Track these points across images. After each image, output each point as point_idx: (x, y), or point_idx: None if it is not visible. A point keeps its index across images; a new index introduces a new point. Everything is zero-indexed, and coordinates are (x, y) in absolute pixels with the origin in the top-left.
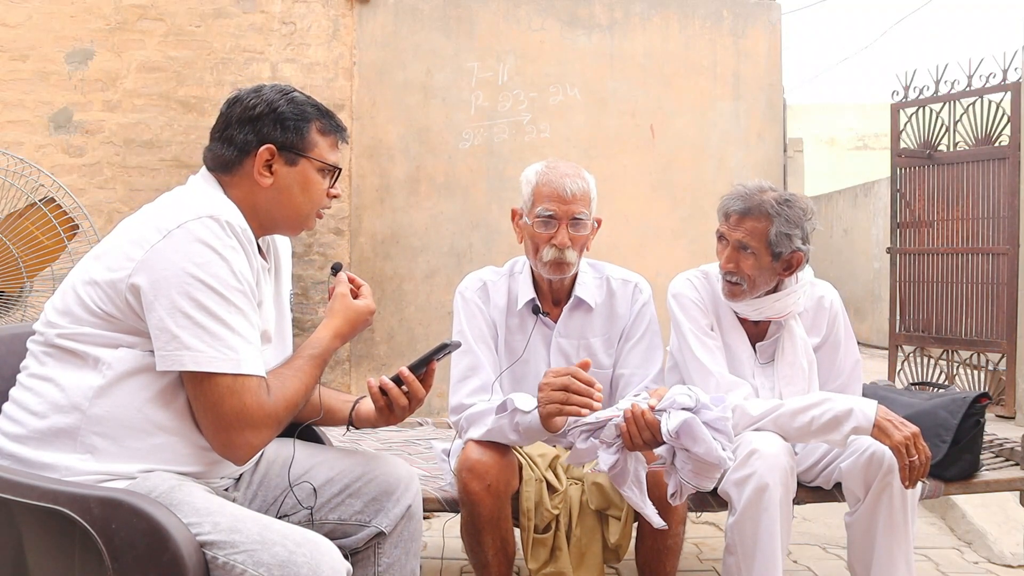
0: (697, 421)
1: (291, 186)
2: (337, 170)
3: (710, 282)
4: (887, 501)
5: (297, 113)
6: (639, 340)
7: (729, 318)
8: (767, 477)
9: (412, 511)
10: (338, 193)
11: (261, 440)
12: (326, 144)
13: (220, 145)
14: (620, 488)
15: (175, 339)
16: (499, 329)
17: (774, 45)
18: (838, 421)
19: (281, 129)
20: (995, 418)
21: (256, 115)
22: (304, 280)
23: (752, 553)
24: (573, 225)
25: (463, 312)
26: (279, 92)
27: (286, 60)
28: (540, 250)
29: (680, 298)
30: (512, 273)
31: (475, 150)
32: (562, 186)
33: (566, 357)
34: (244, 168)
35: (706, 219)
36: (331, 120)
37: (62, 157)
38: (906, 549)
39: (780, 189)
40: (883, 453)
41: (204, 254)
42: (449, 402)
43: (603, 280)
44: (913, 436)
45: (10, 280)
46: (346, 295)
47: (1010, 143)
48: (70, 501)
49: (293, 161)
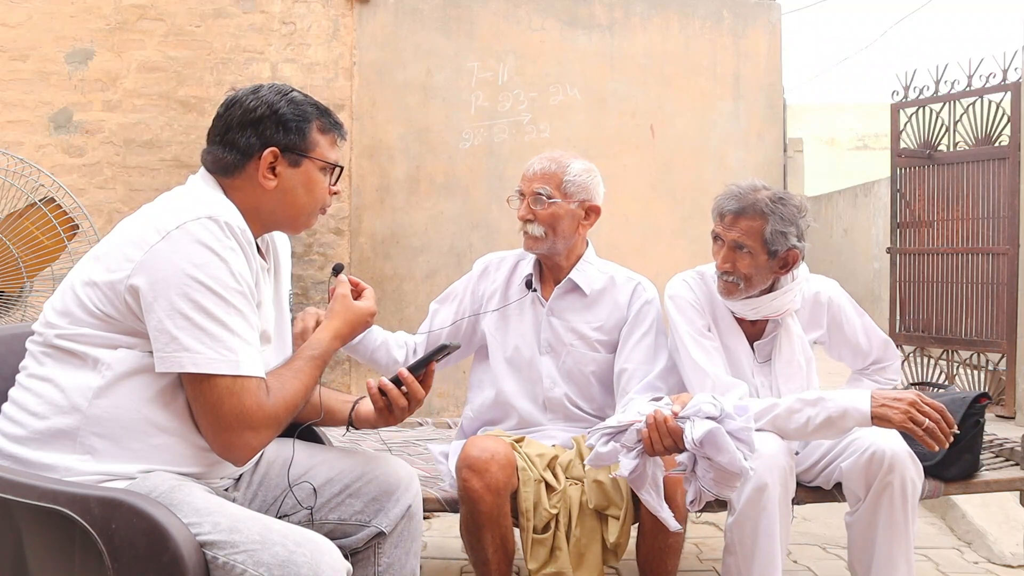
0: (722, 431)
1: (295, 187)
2: (338, 168)
3: (706, 282)
4: (887, 501)
5: (298, 114)
6: (643, 336)
7: (726, 318)
8: (766, 477)
9: (412, 511)
10: (338, 190)
11: (260, 441)
12: (326, 142)
13: (221, 149)
14: (638, 491)
15: (174, 340)
16: (489, 299)
17: (774, 45)
18: (832, 422)
19: (283, 131)
20: (995, 418)
21: (257, 117)
22: (304, 280)
23: (751, 553)
24: (533, 201)
25: (465, 278)
26: (278, 93)
27: (286, 60)
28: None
29: (676, 299)
30: (522, 256)
31: (475, 150)
32: (529, 166)
33: (555, 334)
34: (247, 171)
35: (706, 219)
36: (330, 118)
37: (62, 157)
38: (906, 549)
39: (773, 187)
40: (883, 453)
41: (203, 255)
42: (465, 411)
43: (607, 275)
44: (913, 405)
45: (10, 280)
46: (346, 296)
47: (1010, 143)
48: (70, 501)
49: (296, 162)
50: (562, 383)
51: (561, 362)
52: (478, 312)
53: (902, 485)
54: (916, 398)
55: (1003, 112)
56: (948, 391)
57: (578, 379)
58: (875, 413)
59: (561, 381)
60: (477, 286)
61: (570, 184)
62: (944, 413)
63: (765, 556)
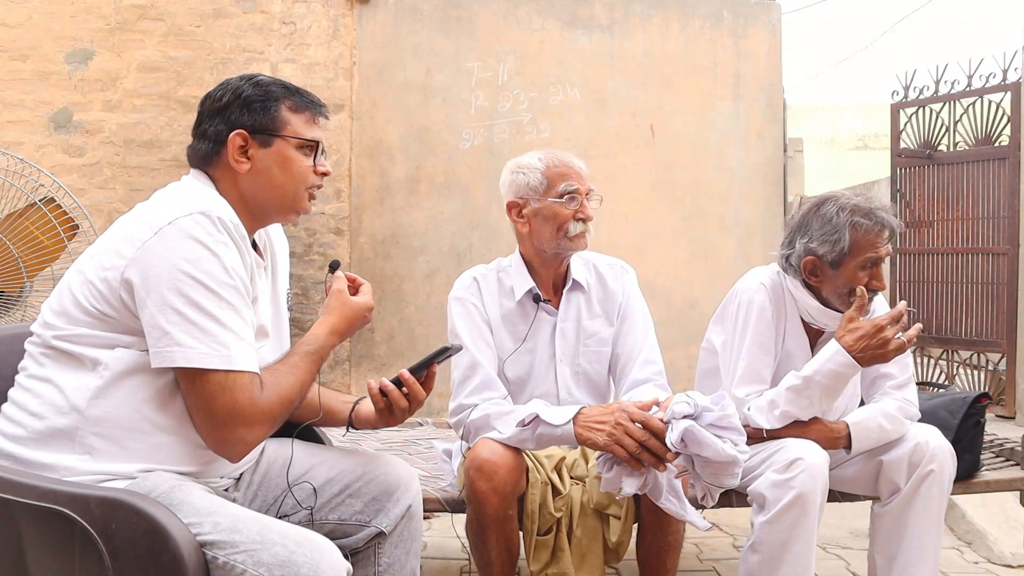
0: (696, 427)
1: (270, 167)
2: (317, 144)
3: (783, 287)
4: (926, 491)
5: (262, 94)
6: (635, 318)
7: (794, 321)
8: (809, 485)
9: (412, 511)
10: (327, 170)
11: (255, 437)
12: (300, 121)
13: (197, 141)
14: (657, 502)
15: (166, 335)
16: (492, 322)
17: (774, 45)
18: (829, 389)
19: (248, 112)
20: (995, 418)
21: (223, 104)
22: (304, 280)
23: (780, 556)
24: (589, 198)
25: (458, 314)
26: (244, 79)
27: (286, 60)
28: (565, 226)
29: (751, 306)
30: (500, 268)
31: (475, 150)
32: (574, 164)
33: (568, 340)
34: (222, 159)
35: (706, 219)
36: (302, 96)
37: (62, 157)
38: (937, 542)
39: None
40: (926, 444)
41: (195, 250)
42: (449, 404)
43: (589, 265)
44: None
45: (10, 280)
46: (343, 292)
47: (1010, 143)
48: (70, 501)
49: (267, 142)
50: (577, 391)
51: (577, 365)
52: (502, 356)
53: (940, 476)
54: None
55: (1003, 112)
56: (948, 391)
57: (595, 380)
58: (848, 348)
59: (576, 390)
60: (482, 309)
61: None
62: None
63: (798, 561)
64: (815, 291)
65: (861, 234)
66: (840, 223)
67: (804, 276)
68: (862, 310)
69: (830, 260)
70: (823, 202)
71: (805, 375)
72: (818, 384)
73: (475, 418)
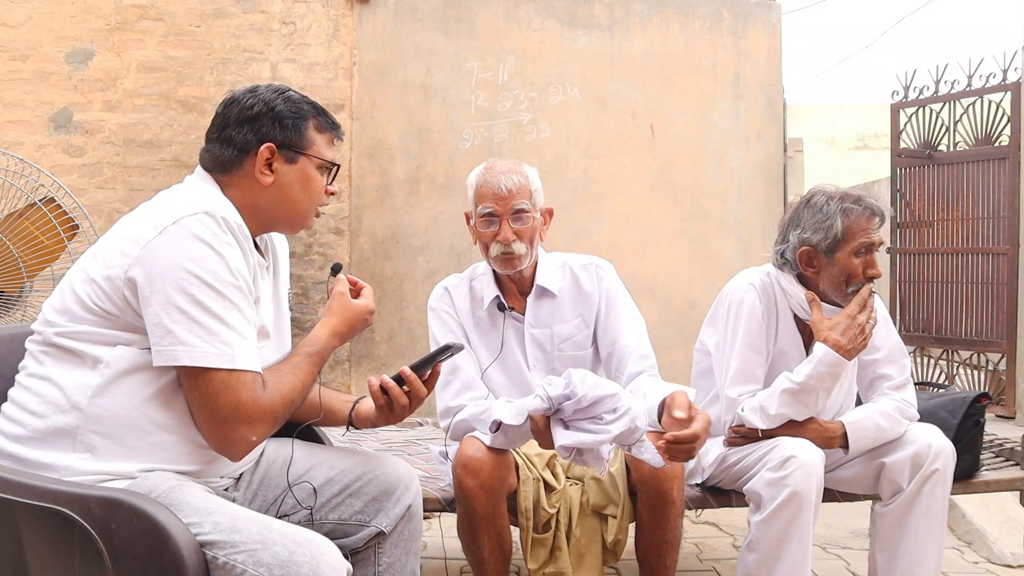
0: (564, 432)
1: (292, 184)
2: (335, 167)
3: (775, 286)
4: (929, 491)
5: (295, 111)
6: (621, 312)
7: (787, 320)
8: (803, 483)
9: (412, 511)
10: (336, 190)
11: (257, 435)
12: (323, 141)
13: (218, 146)
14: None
15: (170, 334)
16: (467, 330)
17: (774, 45)
18: (823, 390)
19: (280, 128)
20: (995, 418)
21: (254, 115)
22: (304, 280)
23: (777, 554)
24: (515, 219)
25: (434, 322)
26: (275, 92)
27: (286, 60)
28: (489, 248)
29: (742, 307)
30: (474, 276)
31: (475, 150)
32: (497, 184)
33: (540, 346)
34: (244, 168)
35: (706, 219)
36: (326, 118)
37: (62, 157)
38: (940, 542)
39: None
40: (929, 445)
41: (199, 250)
42: (437, 407)
43: (565, 267)
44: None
45: (10, 280)
46: (344, 294)
47: (1010, 143)
48: (70, 501)
49: (293, 159)
50: None
51: (553, 370)
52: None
53: (944, 476)
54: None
55: (1003, 112)
56: (948, 391)
57: None
58: (830, 342)
59: None
60: (455, 316)
61: (536, 193)
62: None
63: (795, 559)
64: (811, 285)
65: (852, 219)
66: (831, 210)
67: (801, 268)
68: (864, 308)
69: (824, 248)
70: (811, 195)
71: (799, 381)
72: (812, 388)
73: (460, 420)
